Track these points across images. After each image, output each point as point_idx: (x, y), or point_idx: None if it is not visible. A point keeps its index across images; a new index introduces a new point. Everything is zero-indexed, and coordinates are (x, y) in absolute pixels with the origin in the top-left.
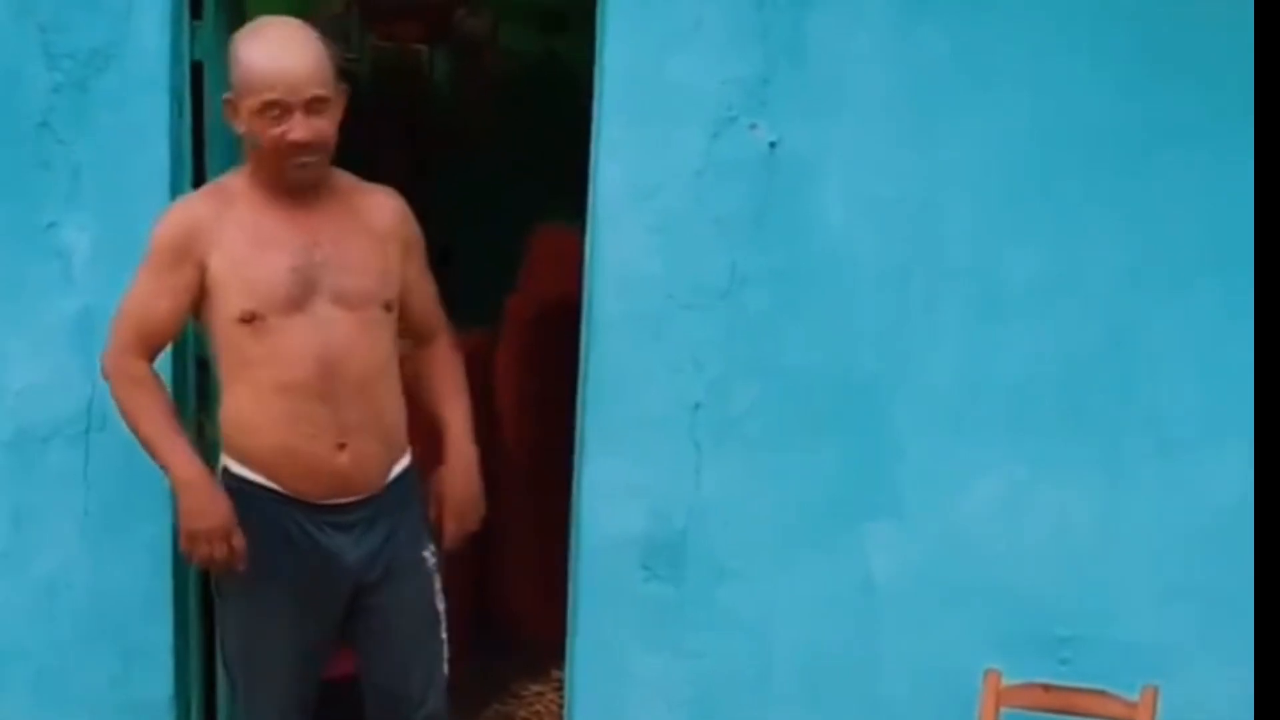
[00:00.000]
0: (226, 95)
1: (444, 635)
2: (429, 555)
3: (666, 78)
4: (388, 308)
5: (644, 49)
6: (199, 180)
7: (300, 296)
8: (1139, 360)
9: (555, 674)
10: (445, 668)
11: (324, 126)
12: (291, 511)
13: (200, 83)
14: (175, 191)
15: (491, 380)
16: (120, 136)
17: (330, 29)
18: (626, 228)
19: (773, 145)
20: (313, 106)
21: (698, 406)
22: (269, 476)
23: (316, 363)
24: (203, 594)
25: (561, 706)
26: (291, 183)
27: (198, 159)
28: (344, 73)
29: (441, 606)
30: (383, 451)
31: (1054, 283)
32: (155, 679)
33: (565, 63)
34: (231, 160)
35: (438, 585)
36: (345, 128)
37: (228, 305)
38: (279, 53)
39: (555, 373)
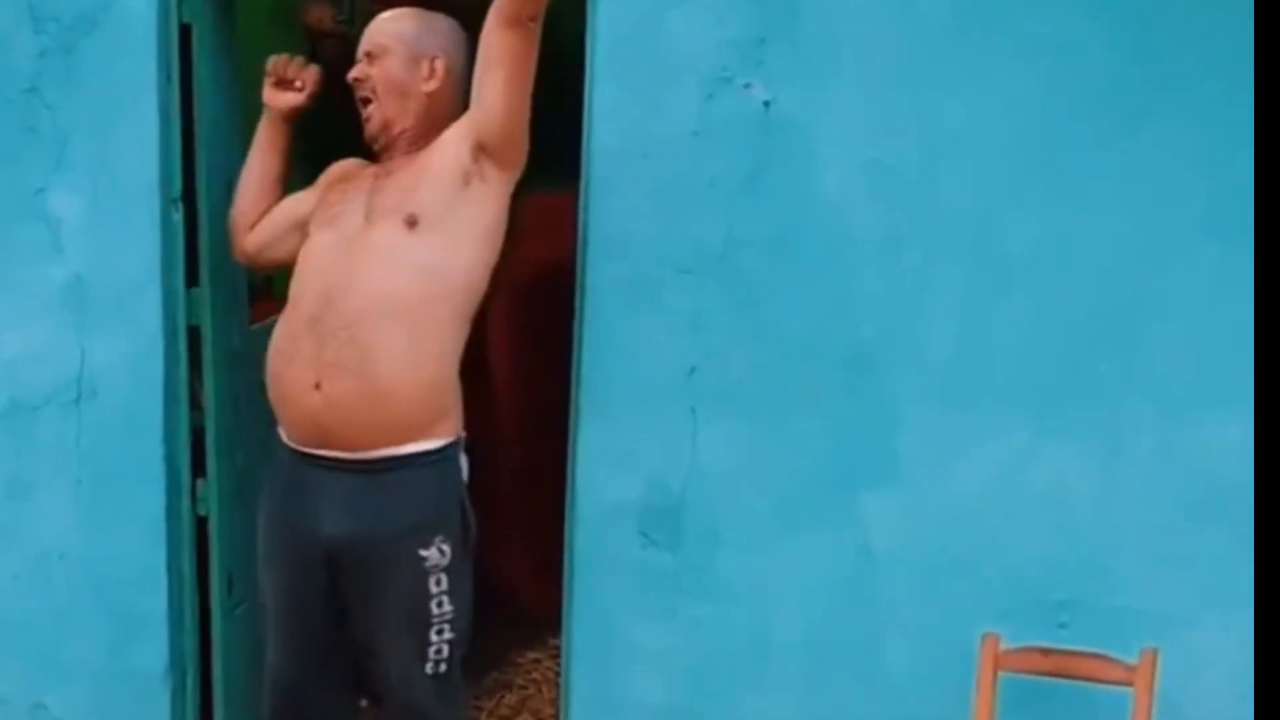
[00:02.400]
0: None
1: (436, 638)
2: (430, 553)
3: (659, 38)
4: (410, 223)
5: (636, 9)
6: (188, 145)
7: (339, 214)
8: (1138, 327)
9: (552, 642)
10: (436, 667)
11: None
12: (289, 457)
13: (189, 45)
14: (165, 156)
15: (484, 349)
16: (108, 101)
17: None
18: (620, 191)
19: (767, 105)
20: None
21: (693, 371)
22: (274, 413)
23: (317, 285)
24: (197, 563)
25: (558, 674)
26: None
27: (187, 123)
28: (336, 34)
29: (440, 609)
30: (366, 405)
31: (1053, 248)
32: (151, 649)
33: (556, 24)
34: (221, 124)
35: (436, 587)
36: (337, 89)
37: None
38: None
39: (549, 340)
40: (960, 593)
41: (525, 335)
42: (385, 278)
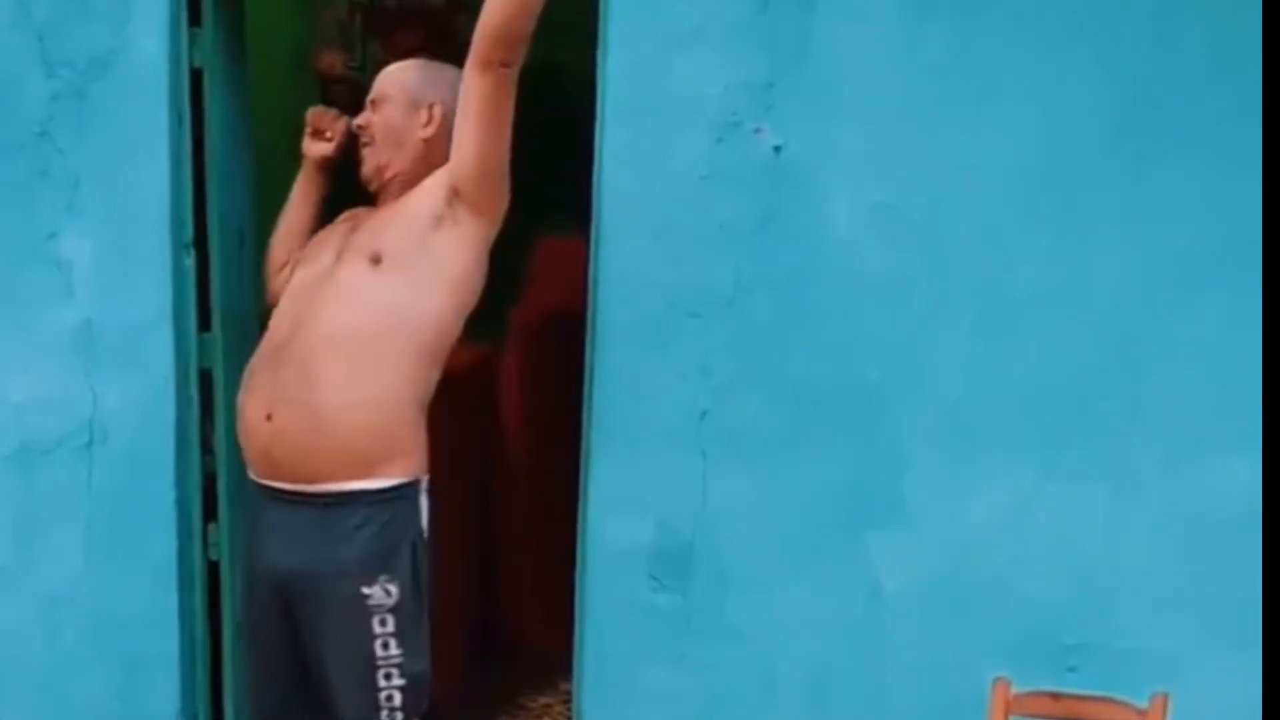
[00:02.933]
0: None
1: (385, 683)
2: (374, 591)
3: (669, 83)
4: (374, 260)
5: (646, 54)
6: (199, 189)
7: (318, 252)
8: (1144, 369)
9: (563, 686)
10: (391, 715)
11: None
12: (252, 489)
13: (200, 90)
14: (176, 200)
15: (496, 392)
16: (120, 145)
17: (335, 36)
18: (630, 235)
19: (778, 149)
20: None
21: (704, 415)
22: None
23: (285, 319)
24: (209, 608)
25: (569, 718)
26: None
27: (198, 167)
28: (348, 80)
29: (387, 651)
30: (311, 437)
31: (1060, 290)
32: (162, 693)
33: (567, 70)
34: (232, 168)
35: (380, 628)
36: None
37: None
38: None
39: (560, 384)
40: (967, 634)
41: (536, 379)
42: (342, 313)
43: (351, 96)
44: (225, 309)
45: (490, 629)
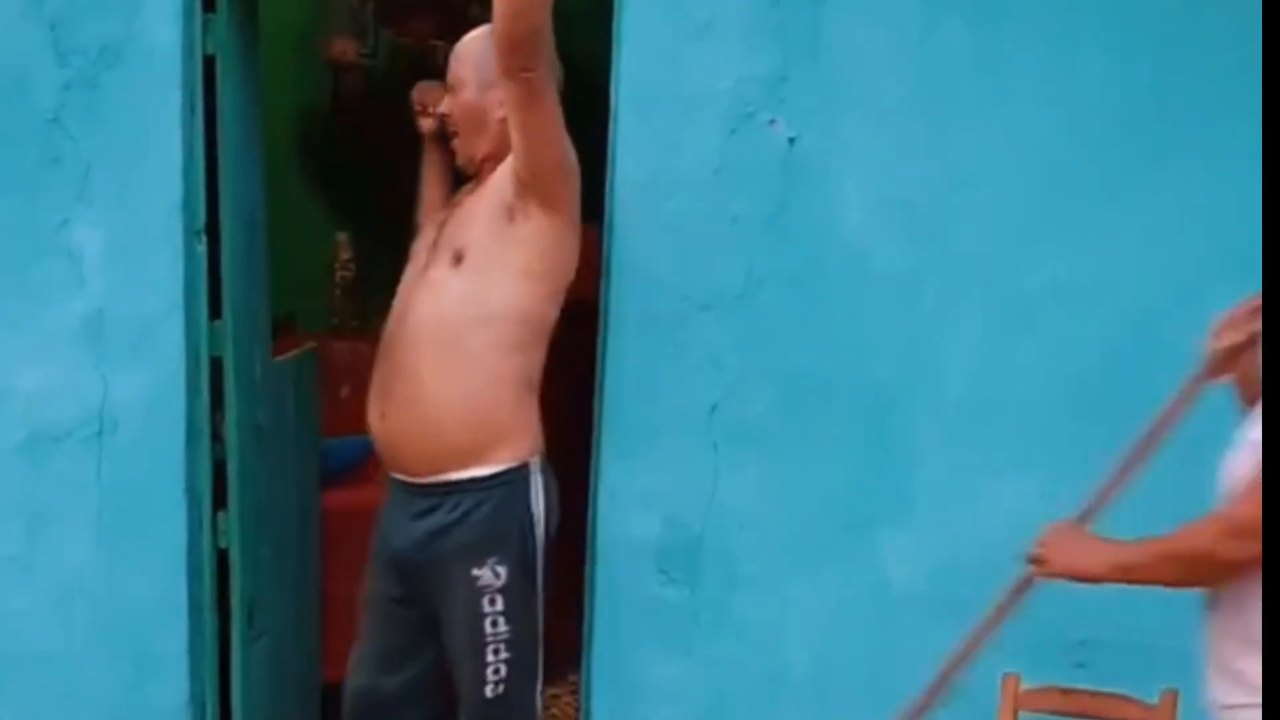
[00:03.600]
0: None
1: (493, 658)
2: (484, 573)
3: (682, 75)
4: (456, 259)
5: (659, 46)
6: (212, 177)
7: (419, 249)
8: (1155, 365)
9: (571, 677)
10: (492, 689)
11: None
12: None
13: (213, 77)
14: (188, 188)
15: None
16: (132, 133)
17: (347, 23)
18: (642, 229)
19: (792, 141)
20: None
21: (714, 409)
22: None
23: (393, 319)
24: (218, 596)
25: (577, 710)
26: None
27: (211, 155)
28: (360, 67)
29: (495, 629)
30: (418, 434)
31: (1070, 287)
32: (171, 683)
33: (581, 61)
34: (245, 156)
35: (490, 607)
36: (362, 123)
37: None
38: None
39: (572, 376)
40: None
41: (546, 371)
42: (432, 312)
43: (363, 83)
44: (236, 297)
45: None
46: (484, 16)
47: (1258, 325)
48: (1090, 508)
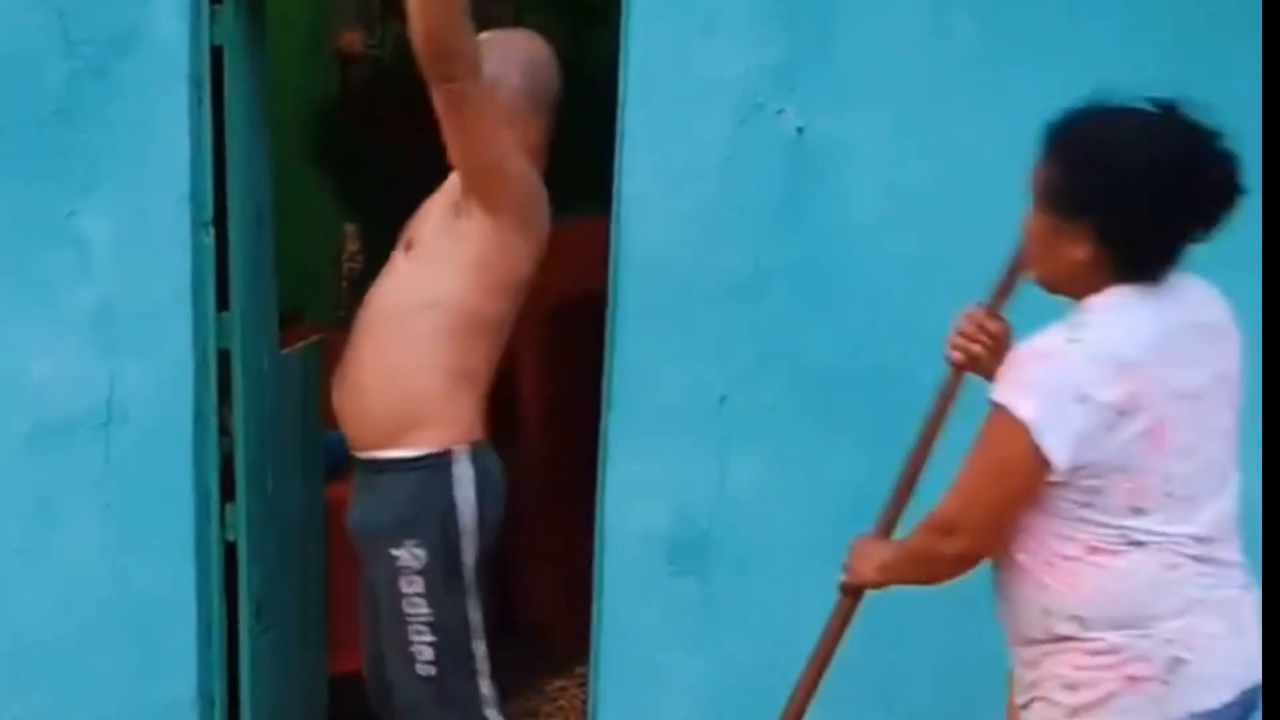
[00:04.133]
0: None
1: (416, 638)
2: (401, 554)
3: (692, 65)
4: (407, 246)
5: (668, 36)
6: (219, 167)
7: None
8: None
9: (579, 670)
10: (422, 669)
11: None
12: None
13: (220, 68)
14: (195, 179)
15: (514, 375)
16: (139, 124)
17: (355, 15)
18: (652, 218)
19: (800, 131)
20: None
21: (723, 400)
22: None
23: (364, 305)
24: (226, 588)
25: (585, 702)
26: None
27: (218, 146)
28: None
29: (414, 609)
30: (358, 411)
31: None
32: (179, 674)
33: (589, 51)
34: (252, 147)
35: (408, 588)
36: (370, 114)
37: None
38: None
39: (580, 367)
40: (989, 622)
41: (555, 363)
42: (385, 297)
43: (371, 75)
44: (243, 289)
45: (509, 612)
46: (491, 9)
47: (984, 337)
48: (885, 517)
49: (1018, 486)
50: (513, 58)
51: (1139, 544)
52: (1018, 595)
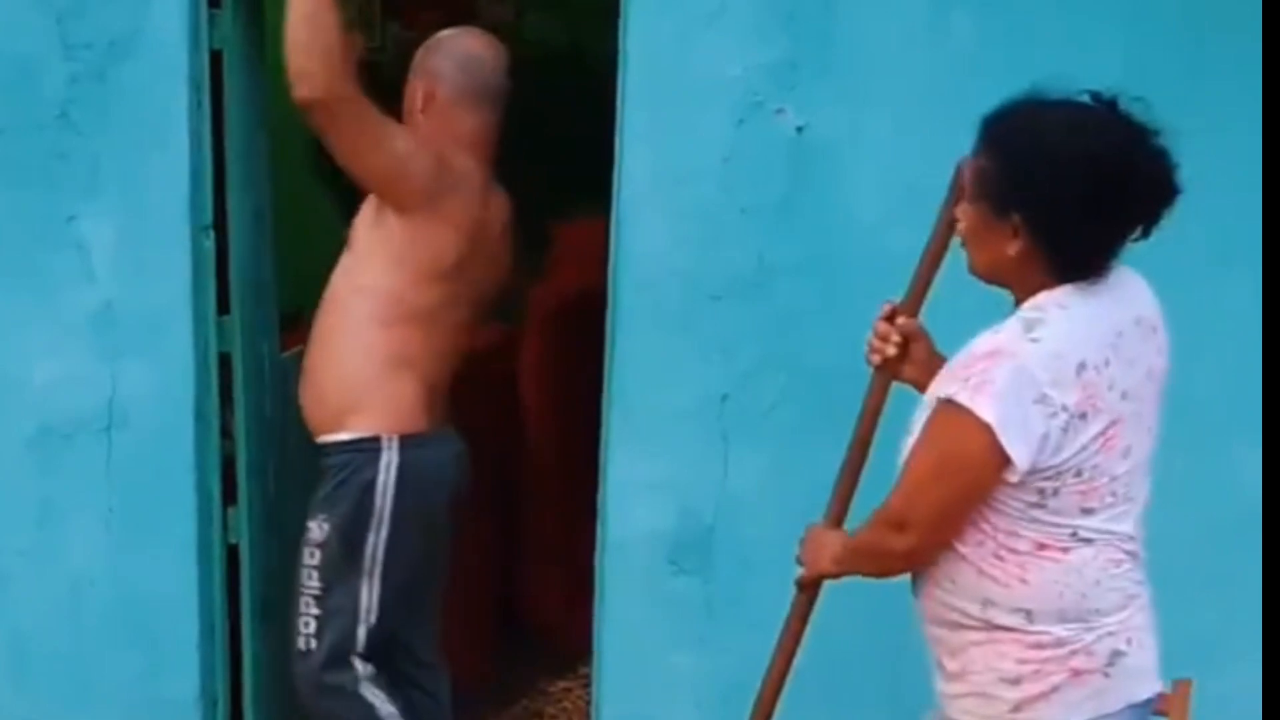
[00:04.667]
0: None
1: (305, 610)
2: (312, 526)
3: (691, 64)
4: (347, 245)
5: (667, 35)
6: (219, 171)
7: None
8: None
9: (583, 670)
10: (302, 641)
11: None
12: None
13: (220, 71)
14: (196, 182)
15: (517, 375)
16: (139, 127)
17: (355, 18)
18: (652, 218)
19: (800, 130)
20: None
21: (725, 399)
22: None
23: None
24: (229, 592)
25: (589, 702)
26: None
27: (218, 149)
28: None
29: (309, 581)
30: (310, 396)
31: None
32: (182, 676)
33: (589, 52)
34: (252, 150)
35: (308, 559)
36: None
37: None
38: None
39: (581, 366)
40: None
41: (557, 362)
42: (331, 287)
43: (371, 78)
44: (244, 292)
45: (511, 613)
46: (491, 8)
47: (896, 337)
48: (834, 508)
49: (971, 484)
50: (449, 54)
51: (1087, 541)
52: (954, 582)
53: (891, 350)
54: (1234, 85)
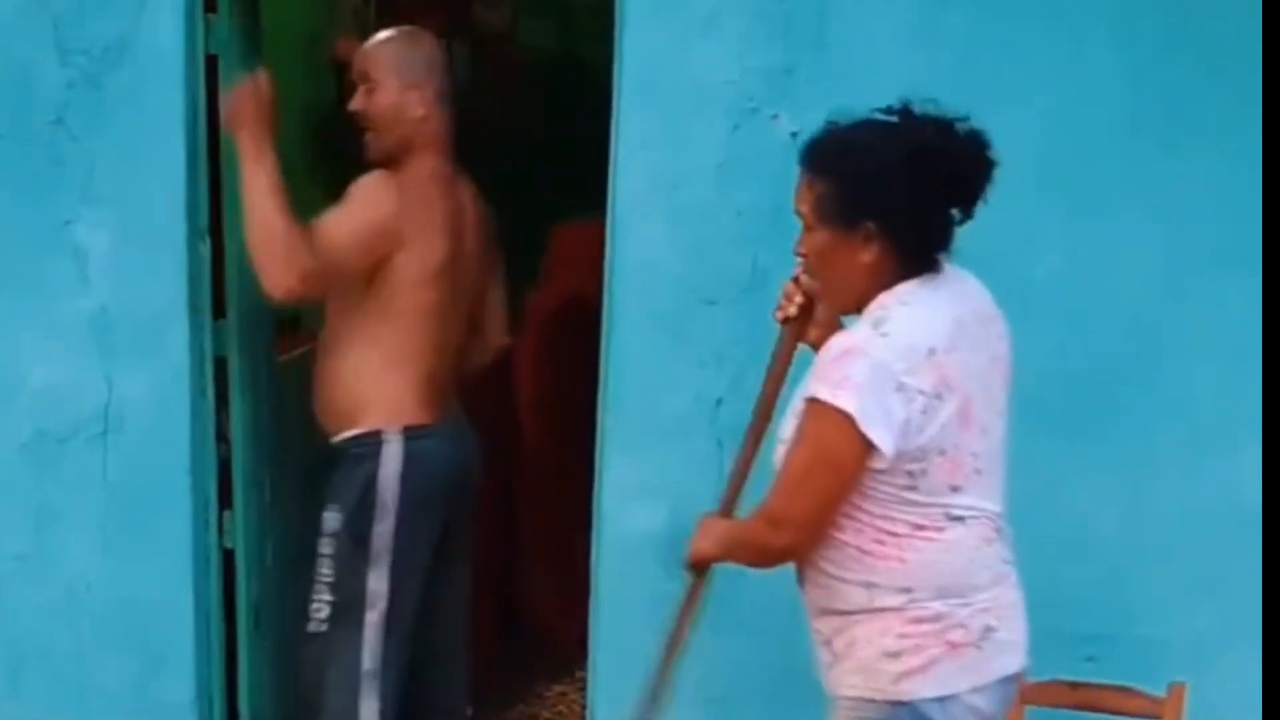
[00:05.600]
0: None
1: (317, 597)
2: (326, 516)
3: (686, 69)
4: None
5: (663, 40)
6: (215, 176)
7: None
8: (1166, 356)
9: (579, 674)
10: (313, 625)
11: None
12: None
13: (215, 77)
14: (191, 187)
15: (511, 378)
16: (135, 132)
17: (352, 23)
18: (647, 222)
19: (794, 135)
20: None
21: (719, 403)
22: None
23: None
24: (224, 596)
25: (585, 706)
26: None
27: (213, 154)
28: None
29: (322, 570)
30: (320, 399)
31: (1080, 275)
32: (177, 681)
33: (584, 57)
34: None
35: (323, 549)
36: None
37: None
38: None
39: (576, 370)
40: None
41: (552, 366)
42: (332, 294)
43: None
44: (240, 297)
45: (508, 617)
46: (487, 15)
47: (800, 297)
48: (726, 495)
49: (844, 478)
50: (416, 56)
51: (959, 519)
52: (836, 571)
53: (793, 310)
54: (1232, 85)
